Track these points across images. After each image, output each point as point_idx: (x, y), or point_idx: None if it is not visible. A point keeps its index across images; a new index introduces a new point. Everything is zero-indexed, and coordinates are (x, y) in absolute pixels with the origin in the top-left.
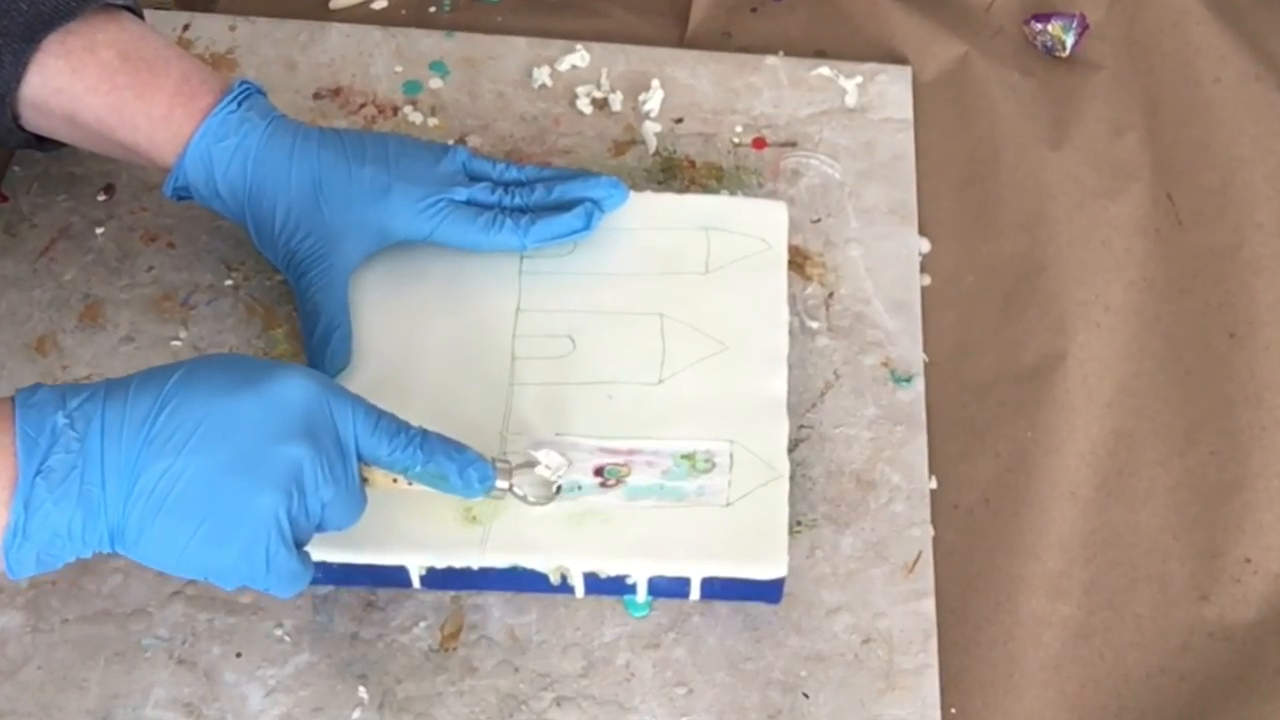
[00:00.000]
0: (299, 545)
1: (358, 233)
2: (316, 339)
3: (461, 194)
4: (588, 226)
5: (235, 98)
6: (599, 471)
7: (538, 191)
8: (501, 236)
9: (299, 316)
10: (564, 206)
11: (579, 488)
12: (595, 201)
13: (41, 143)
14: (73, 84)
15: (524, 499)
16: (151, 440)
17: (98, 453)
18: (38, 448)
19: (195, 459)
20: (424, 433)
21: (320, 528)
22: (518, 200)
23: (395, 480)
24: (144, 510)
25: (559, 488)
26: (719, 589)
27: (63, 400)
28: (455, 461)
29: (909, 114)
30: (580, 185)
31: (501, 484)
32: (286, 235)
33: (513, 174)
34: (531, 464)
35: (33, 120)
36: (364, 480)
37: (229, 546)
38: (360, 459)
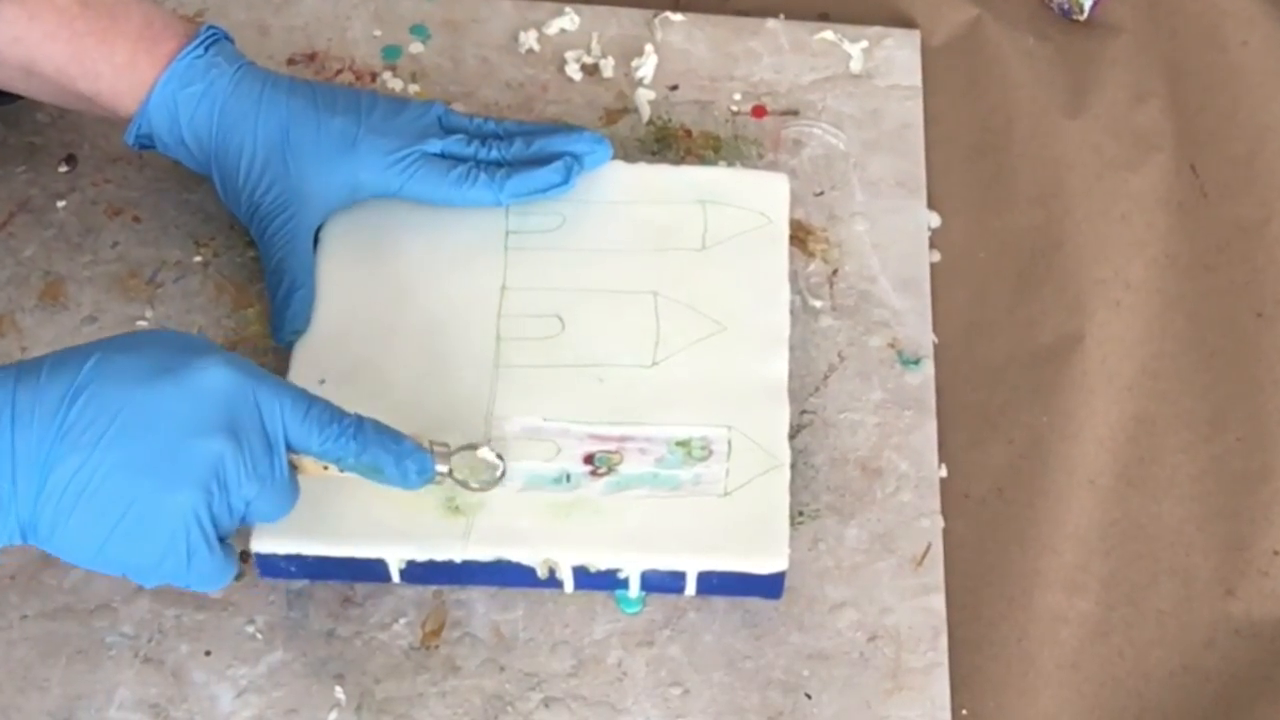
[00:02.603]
0: (222, 540)
1: (325, 186)
2: (279, 300)
3: (435, 146)
4: (567, 181)
5: (202, 42)
6: (589, 459)
7: (516, 145)
8: (475, 191)
9: (263, 273)
10: (543, 161)
11: (568, 476)
12: (576, 156)
13: None
14: (29, 31)
15: (464, 484)
16: (65, 433)
17: (8, 445)
18: None
19: (110, 454)
20: (359, 421)
21: (245, 520)
22: (494, 154)
23: (326, 468)
24: (56, 508)
25: (503, 471)
26: (716, 583)
27: None
28: (391, 453)
29: (917, 80)
30: (561, 139)
31: (441, 468)
32: (251, 187)
33: (490, 127)
34: (473, 446)
35: None
36: (293, 468)
37: (147, 546)
38: (290, 448)
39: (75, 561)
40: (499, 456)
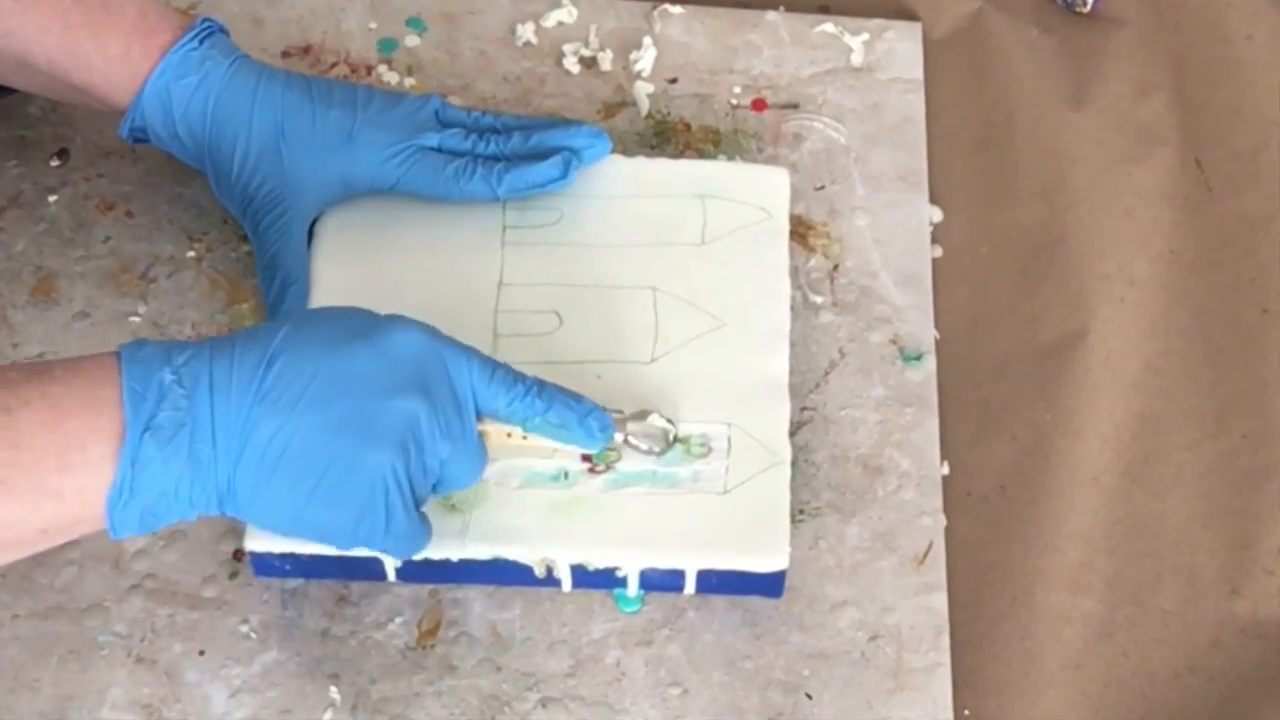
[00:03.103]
0: (418, 505)
1: (319, 180)
2: (274, 295)
3: (431, 140)
4: (565, 176)
5: (196, 35)
6: (587, 456)
7: (514, 139)
8: (472, 185)
9: (256, 269)
10: (541, 156)
11: (565, 474)
12: (574, 151)
13: None
14: (23, 24)
15: (637, 448)
16: (262, 397)
17: (207, 410)
18: (145, 404)
19: (308, 416)
20: (540, 382)
21: (438, 487)
22: (492, 148)
23: (510, 434)
24: (256, 471)
25: (675, 437)
26: (716, 582)
27: (169, 356)
28: (575, 411)
29: (919, 74)
30: (560, 134)
31: (618, 435)
32: (245, 180)
33: (488, 121)
34: (643, 414)
35: None
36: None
37: (346, 507)
38: (477, 412)
39: (272, 528)
40: (669, 421)
